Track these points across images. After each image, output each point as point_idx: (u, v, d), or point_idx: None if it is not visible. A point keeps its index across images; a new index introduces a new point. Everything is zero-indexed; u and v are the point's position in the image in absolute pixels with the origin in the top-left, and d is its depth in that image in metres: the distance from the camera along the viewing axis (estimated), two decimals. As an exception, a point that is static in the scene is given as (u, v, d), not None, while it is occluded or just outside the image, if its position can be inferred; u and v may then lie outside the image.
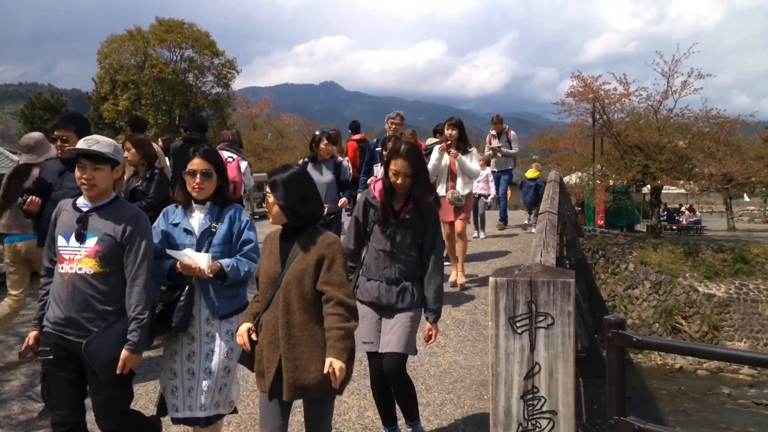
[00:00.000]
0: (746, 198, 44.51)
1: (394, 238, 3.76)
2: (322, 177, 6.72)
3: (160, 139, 12.34)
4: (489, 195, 12.42)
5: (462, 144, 7.46)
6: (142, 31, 40.12)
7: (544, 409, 2.68)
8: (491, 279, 2.73)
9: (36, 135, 5.83)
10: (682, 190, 21.32)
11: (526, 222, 14.05)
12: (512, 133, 12.77)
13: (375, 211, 3.82)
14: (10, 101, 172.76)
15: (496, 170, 12.79)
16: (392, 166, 3.70)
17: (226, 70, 42.25)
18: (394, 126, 7.94)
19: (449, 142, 7.43)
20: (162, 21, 40.65)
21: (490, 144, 12.70)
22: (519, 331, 2.68)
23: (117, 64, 39.49)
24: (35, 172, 5.32)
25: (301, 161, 7.00)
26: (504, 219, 13.53)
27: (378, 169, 7.87)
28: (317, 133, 7.00)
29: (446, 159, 7.43)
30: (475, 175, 7.63)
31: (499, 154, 12.61)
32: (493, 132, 12.75)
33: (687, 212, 29.12)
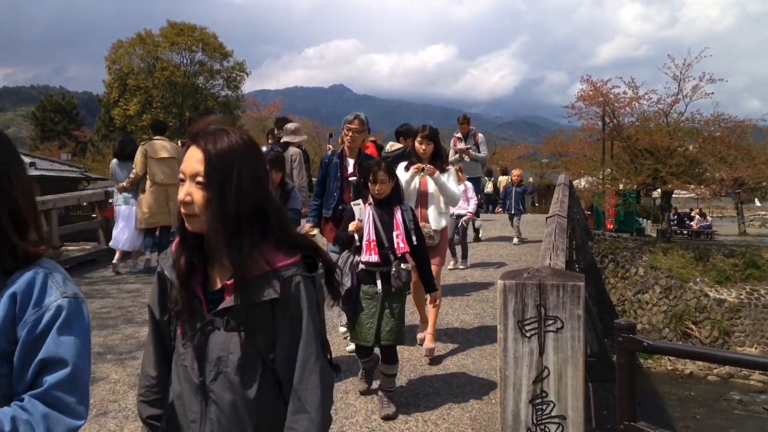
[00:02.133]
0: (758, 203, 44.21)
1: (204, 352, 1.69)
2: None
3: (179, 141, 12.28)
4: (467, 216, 9.46)
5: (438, 161, 5.73)
6: (152, 35, 40.35)
7: (553, 413, 2.66)
8: (499, 282, 2.71)
9: (295, 123, 8.12)
10: (693, 195, 21.22)
11: (516, 239, 12.11)
12: (480, 135, 11.25)
13: None
14: (22, 104, 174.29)
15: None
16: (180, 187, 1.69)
17: (235, 72, 42.42)
18: (350, 134, 5.59)
19: (422, 165, 5.61)
20: (173, 24, 40.88)
21: (455, 147, 10.93)
22: (528, 334, 2.66)
23: (127, 68, 39.71)
24: (292, 148, 7.38)
25: None
26: (476, 231, 12.10)
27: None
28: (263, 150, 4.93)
29: (416, 181, 5.65)
30: (455, 201, 5.96)
31: (467, 158, 10.77)
32: (459, 134, 11.09)
33: (698, 217, 28.96)
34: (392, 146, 7.72)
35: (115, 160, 9.61)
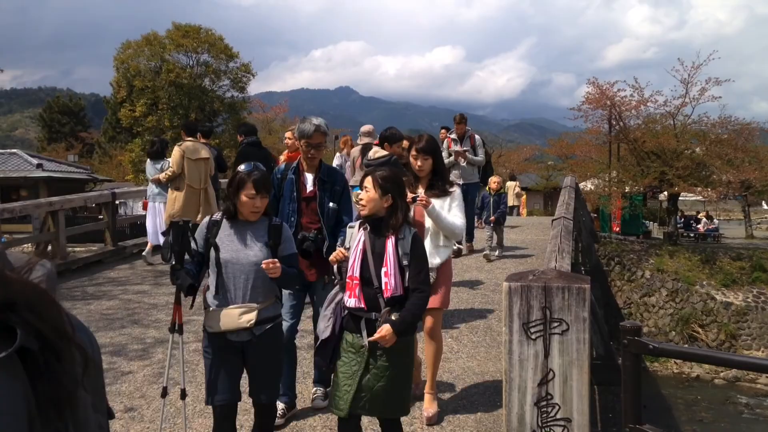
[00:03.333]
0: (765, 206, 43.99)
1: None
2: (249, 252, 3.46)
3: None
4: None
5: (438, 180, 4.51)
6: (159, 37, 40.49)
7: (558, 416, 2.66)
8: (505, 284, 2.71)
9: (370, 126, 8.44)
10: (700, 197, 21.17)
11: (488, 251, 10.32)
12: (477, 137, 10.25)
13: None
14: (30, 105, 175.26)
15: (460, 182, 9.23)
16: None
17: (241, 73, 42.51)
18: (312, 151, 4.42)
19: (413, 194, 4.26)
20: (179, 26, 41.00)
21: (450, 149, 9.89)
22: (533, 337, 2.66)
23: (134, 70, 39.86)
24: (375, 148, 6.99)
25: (208, 218, 3.64)
26: (469, 239, 10.79)
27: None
28: (241, 168, 3.49)
29: (410, 209, 4.14)
30: (456, 234, 4.54)
31: (463, 161, 9.78)
32: (453, 135, 10.07)
33: (704, 219, 28.87)
34: (376, 153, 6.73)
35: (148, 160, 10.22)
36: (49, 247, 10.37)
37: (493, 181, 10.93)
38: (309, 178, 4.44)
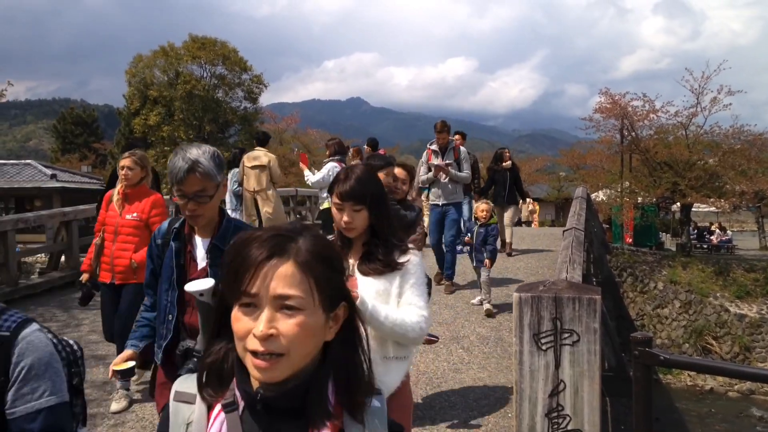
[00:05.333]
0: (779, 217, 43.58)
1: None
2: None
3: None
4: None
5: (379, 248, 2.50)
6: (175, 48, 40.93)
7: (569, 427, 2.65)
8: (515, 295, 2.71)
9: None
10: (713, 208, 21.03)
11: (486, 303, 7.73)
12: (462, 149, 8.70)
13: None
14: (44, 116, 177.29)
15: (440, 203, 8.32)
16: None
17: (254, 85, 42.83)
18: (189, 204, 2.48)
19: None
20: (195, 38, 41.44)
21: (429, 163, 8.44)
22: (544, 347, 2.66)
23: (148, 80, 40.28)
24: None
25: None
26: (450, 275, 8.69)
27: None
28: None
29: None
30: (412, 337, 2.43)
31: (444, 177, 8.22)
32: (434, 147, 8.48)
33: (718, 231, 28.67)
34: None
35: None
36: (63, 257, 10.45)
37: (481, 209, 7.85)
38: (200, 244, 2.62)
